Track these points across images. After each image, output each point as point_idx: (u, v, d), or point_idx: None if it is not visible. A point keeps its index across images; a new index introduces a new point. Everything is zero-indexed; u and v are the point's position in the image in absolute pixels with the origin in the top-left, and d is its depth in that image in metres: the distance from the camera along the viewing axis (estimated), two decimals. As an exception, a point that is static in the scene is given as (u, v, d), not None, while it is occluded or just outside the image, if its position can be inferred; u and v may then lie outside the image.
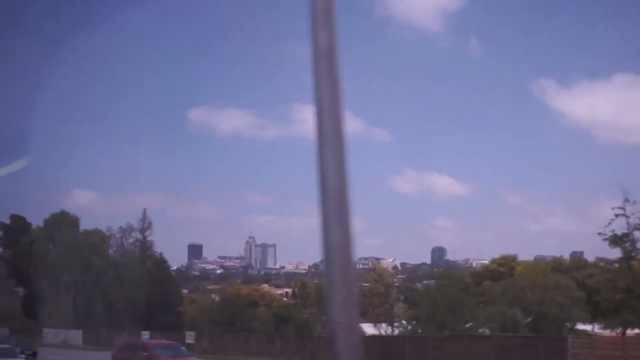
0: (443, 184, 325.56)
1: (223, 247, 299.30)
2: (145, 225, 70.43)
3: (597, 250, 44.31)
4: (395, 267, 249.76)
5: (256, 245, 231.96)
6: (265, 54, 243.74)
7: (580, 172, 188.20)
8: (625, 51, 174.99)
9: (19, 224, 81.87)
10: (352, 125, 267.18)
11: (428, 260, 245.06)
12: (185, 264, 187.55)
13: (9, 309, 77.50)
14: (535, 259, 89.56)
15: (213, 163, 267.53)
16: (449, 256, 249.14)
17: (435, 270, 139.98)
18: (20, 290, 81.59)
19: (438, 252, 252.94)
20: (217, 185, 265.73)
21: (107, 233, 73.13)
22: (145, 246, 69.67)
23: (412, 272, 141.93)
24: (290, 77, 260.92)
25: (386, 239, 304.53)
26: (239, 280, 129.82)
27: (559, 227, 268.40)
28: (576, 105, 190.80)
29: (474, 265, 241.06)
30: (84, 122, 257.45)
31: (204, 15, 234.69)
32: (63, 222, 72.42)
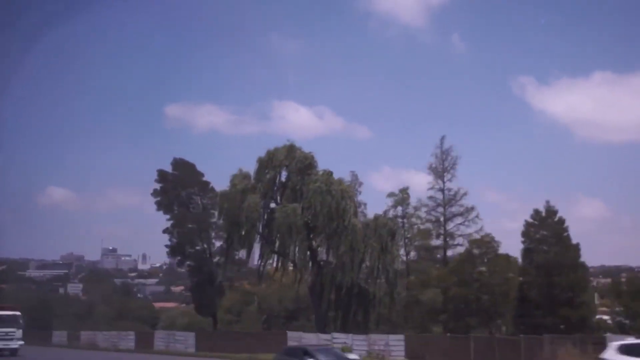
0: (420, 181, 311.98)
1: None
2: (447, 165, 45.73)
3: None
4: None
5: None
6: (243, 51, 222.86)
7: (559, 169, 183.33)
8: (605, 49, 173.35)
9: (188, 172, 52.73)
10: (333, 122, 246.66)
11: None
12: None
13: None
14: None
15: (190, 159, 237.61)
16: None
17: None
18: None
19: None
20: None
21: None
22: (448, 197, 45.01)
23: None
24: (269, 74, 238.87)
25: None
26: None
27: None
28: (556, 103, 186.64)
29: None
30: (60, 120, 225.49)
31: (182, 11, 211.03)
32: (293, 161, 44.58)
